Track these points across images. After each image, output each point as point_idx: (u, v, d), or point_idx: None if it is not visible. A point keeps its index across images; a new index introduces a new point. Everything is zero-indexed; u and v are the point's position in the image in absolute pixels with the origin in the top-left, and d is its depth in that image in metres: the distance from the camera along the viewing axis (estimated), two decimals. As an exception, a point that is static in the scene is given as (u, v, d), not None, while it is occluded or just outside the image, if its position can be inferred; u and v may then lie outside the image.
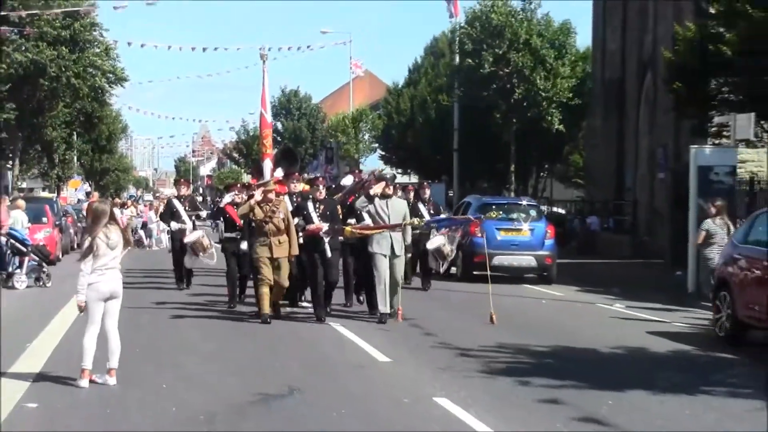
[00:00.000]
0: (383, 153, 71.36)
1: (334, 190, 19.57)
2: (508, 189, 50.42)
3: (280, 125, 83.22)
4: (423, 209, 20.08)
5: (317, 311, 16.98)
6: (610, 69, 48.36)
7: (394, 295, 16.97)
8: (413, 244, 18.77)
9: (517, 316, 17.15)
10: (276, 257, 16.35)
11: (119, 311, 11.91)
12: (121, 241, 12.03)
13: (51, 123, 54.99)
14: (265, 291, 16.41)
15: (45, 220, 30.45)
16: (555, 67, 52.65)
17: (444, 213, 24.77)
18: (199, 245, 20.82)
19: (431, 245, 19.19)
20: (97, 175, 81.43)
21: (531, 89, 52.11)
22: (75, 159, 67.35)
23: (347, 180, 20.47)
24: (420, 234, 19.28)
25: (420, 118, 62.31)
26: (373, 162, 66.50)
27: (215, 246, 20.66)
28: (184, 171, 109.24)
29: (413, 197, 20.44)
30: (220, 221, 20.22)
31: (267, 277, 16.34)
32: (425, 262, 20.30)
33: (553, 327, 17.18)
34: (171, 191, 47.35)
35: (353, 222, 17.52)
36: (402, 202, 18.02)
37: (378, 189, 17.43)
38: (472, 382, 12.30)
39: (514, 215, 26.97)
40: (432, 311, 16.57)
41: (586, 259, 36.49)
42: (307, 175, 23.29)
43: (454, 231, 20.04)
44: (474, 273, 23.09)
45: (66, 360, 13.11)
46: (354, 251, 18.21)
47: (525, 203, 30.29)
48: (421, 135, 59.79)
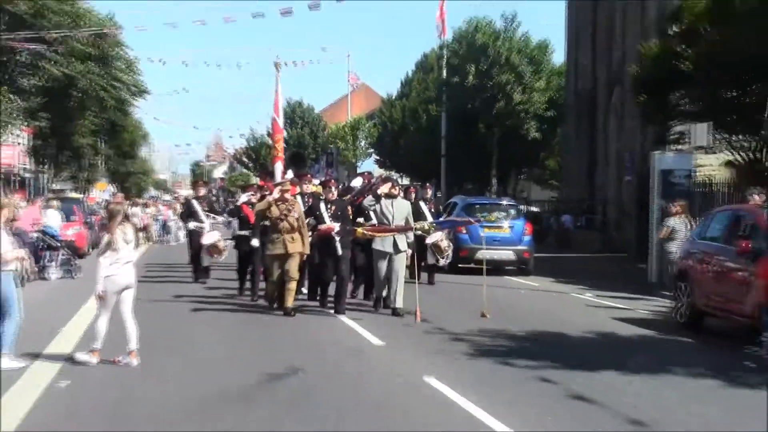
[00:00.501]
0: (378, 158, 71.46)
1: (343, 191, 19.27)
2: (490, 190, 50.53)
3: (285, 133, 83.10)
4: (425, 207, 19.93)
5: (326, 305, 16.85)
6: (582, 82, 48.37)
7: (397, 288, 16.71)
8: (415, 240, 18.43)
9: (498, 304, 17.18)
10: (290, 253, 15.97)
11: (133, 300, 12.07)
12: (134, 238, 12.19)
13: (80, 131, 55.23)
14: (290, 287, 16.12)
15: (74, 218, 30.44)
16: (531, 83, 52.87)
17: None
18: (215, 248, 20.75)
19: (430, 240, 19.15)
20: (121, 178, 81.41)
21: (510, 103, 52.39)
22: (101, 163, 67.30)
23: (357, 182, 20.13)
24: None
25: (411, 126, 62.31)
26: (369, 166, 66.39)
27: (229, 243, 20.45)
28: (198, 174, 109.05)
29: (415, 197, 20.06)
30: (234, 219, 19.94)
31: (275, 272, 16.11)
32: (426, 257, 20.01)
33: (531, 314, 17.28)
34: (187, 192, 47.35)
35: (361, 220, 17.23)
36: (405, 202, 17.74)
37: (385, 189, 17.21)
38: (458, 363, 12.41)
39: (495, 214, 27.09)
40: (425, 301, 16.49)
41: (560, 254, 36.58)
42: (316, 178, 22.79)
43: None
44: (458, 265, 23.14)
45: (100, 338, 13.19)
46: (362, 248, 17.80)
47: (505, 203, 30.35)
48: (412, 142, 59.80)
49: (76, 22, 45.17)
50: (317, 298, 17.95)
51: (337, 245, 16.43)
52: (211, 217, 22.11)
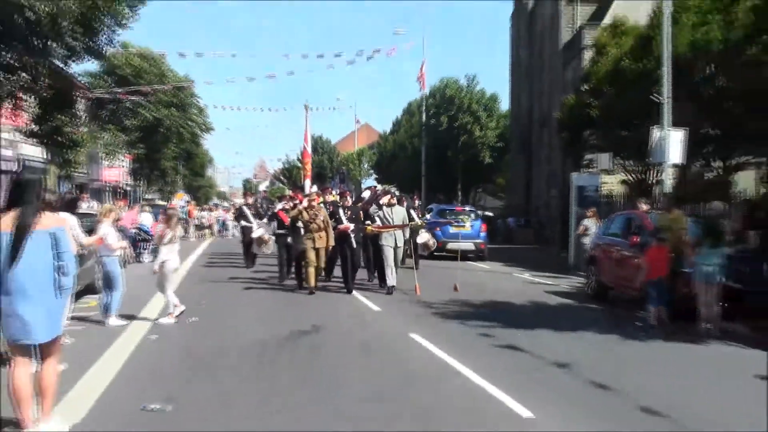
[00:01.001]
0: (376, 176, 71.61)
1: (356, 200, 18.97)
2: (456, 200, 50.57)
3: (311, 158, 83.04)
4: (413, 213, 19.60)
5: (347, 285, 16.17)
6: (521, 123, 48.43)
7: (390, 270, 16.25)
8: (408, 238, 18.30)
9: (462, 281, 17.16)
10: (317, 247, 15.65)
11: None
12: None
13: (165, 157, 55.45)
14: (311, 271, 15.62)
15: (161, 218, 30.37)
16: (486, 123, 53.20)
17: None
18: (262, 240, 20.41)
19: (420, 239, 18.92)
20: (194, 190, 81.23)
21: (470, 138, 52.61)
22: (180, 180, 67.24)
23: (366, 194, 19.83)
24: (412, 231, 18.69)
25: (400, 155, 62.57)
26: (370, 182, 66.44)
27: (272, 237, 20.10)
28: (248, 187, 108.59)
29: (406, 205, 19.60)
30: (273, 221, 19.54)
31: (312, 261, 15.60)
32: (416, 250, 19.65)
33: (486, 288, 17.22)
34: (240, 200, 47.39)
35: (369, 222, 16.79)
36: (401, 208, 17.23)
37: (386, 199, 17.03)
38: (434, 324, 12.39)
39: (460, 217, 27.12)
40: (412, 281, 16.41)
41: (506, 245, 36.52)
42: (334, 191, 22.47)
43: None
44: (434, 253, 23.10)
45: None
46: (372, 243, 17.41)
47: (467, 209, 30.31)
48: (401, 165, 60.06)
49: (161, 79, 45.42)
50: (331, 278, 17.86)
51: (352, 240, 16.23)
52: (257, 219, 21.69)
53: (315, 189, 19.82)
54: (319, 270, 16.19)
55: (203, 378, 8.36)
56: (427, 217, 24.69)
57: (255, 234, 20.73)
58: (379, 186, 18.86)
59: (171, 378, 8.31)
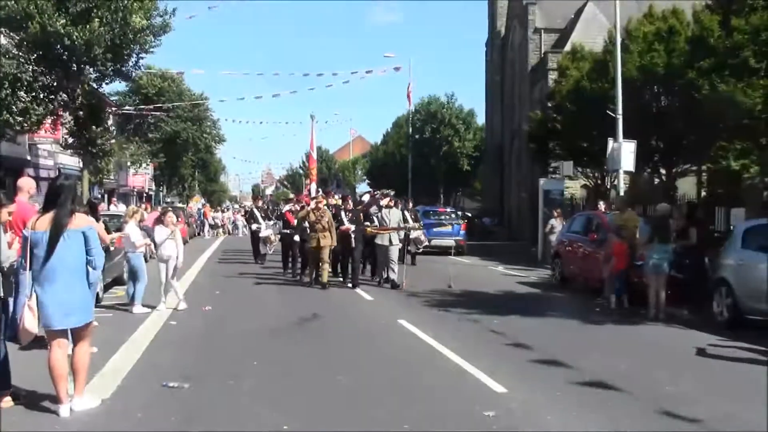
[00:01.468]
0: (369, 182, 71.48)
1: (356, 203, 18.30)
2: (439, 202, 50.56)
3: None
4: (407, 214, 18.97)
5: (351, 280, 15.62)
6: (495, 135, 48.41)
7: (392, 269, 15.78)
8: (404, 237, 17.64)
9: (444, 273, 17.09)
10: (323, 246, 15.05)
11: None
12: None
13: (183, 165, 55.45)
14: (326, 267, 15.14)
15: (179, 219, 30.11)
16: (464, 135, 53.35)
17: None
18: (269, 239, 20.27)
19: (413, 234, 18.27)
20: (209, 194, 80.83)
21: (451, 148, 52.72)
22: (196, 185, 67.15)
23: (365, 197, 19.22)
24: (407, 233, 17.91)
25: (390, 163, 62.47)
26: (364, 187, 66.36)
27: (277, 237, 19.87)
28: (256, 192, 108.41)
29: (401, 208, 18.35)
30: (280, 222, 19.22)
31: (325, 258, 15.07)
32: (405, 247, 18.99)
33: (464, 279, 17.10)
34: (250, 203, 47.36)
35: (368, 224, 16.01)
36: (398, 210, 16.73)
37: (384, 202, 16.49)
38: (420, 311, 12.36)
39: (442, 217, 27.10)
40: (406, 274, 16.15)
41: (482, 242, 36.48)
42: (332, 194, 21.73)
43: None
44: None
45: (192, 298, 13.10)
46: (370, 242, 16.46)
47: (449, 210, 30.39)
48: (390, 172, 59.88)
49: (180, 97, 45.45)
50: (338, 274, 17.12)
51: (352, 240, 15.71)
52: (266, 220, 21.27)
53: (320, 193, 19.15)
54: (326, 265, 15.52)
55: (217, 358, 8.31)
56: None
57: (263, 234, 20.51)
58: (383, 191, 18.09)
59: (189, 359, 8.26)
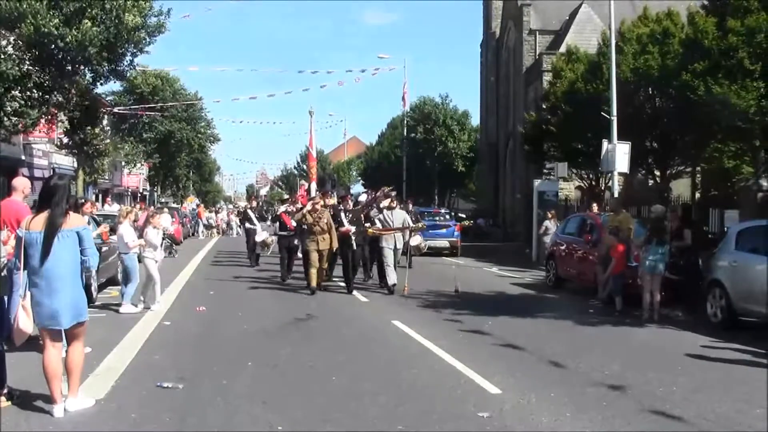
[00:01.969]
0: (363, 183, 71.48)
1: (354, 203, 17.29)
2: (433, 203, 50.58)
3: (305, 167, 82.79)
4: (408, 217, 18.27)
5: (348, 285, 14.90)
6: (489, 136, 48.49)
7: (388, 270, 14.87)
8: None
9: (439, 274, 17.10)
10: (321, 249, 14.38)
11: None
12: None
13: (178, 165, 55.49)
14: (313, 272, 14.34)
15: (173, 219, 30.26)
16: (459, 136, 53.44)
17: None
18: (265, 243, 19.84)
19: (413, 242, 17.13)
20: (203, 194, 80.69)
21: (445, 149, 52.80)
22: (191, 185, 67.07)
23: (363, 197, 18.42)
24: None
25: (384, 163, 62.53)
26: (358, 188, 66.34)
27: (274, 238, 19.09)
28: (251, 192, 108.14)
29: (405, 208, 18.01)
30: (276, 224, 18.34)
31: (314, 263, 14.33)
32: (408, 250, 18.17)
33: (459, 281, 17.09)
34: (244, 203, 47.32)
35: (368, 225, 15.34)
36: (402, 212, 15.87)
37: (386, 202, 15.69)
38: (413, 312, 12.38)
39: (437, 218, 27.10)
40: (401, 276, 15.75)
41: (477, 243, 36.51)
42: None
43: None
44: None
45: (187, 299, 13.11)
46: (370, 245, 15.91)
47: (443, 211, 30.45)
48: (385, 173, 59.88)
49: (174, 97, 45.38)
50: (332, 278, 16.31)
51: (353, 242, 15.00)
52: (261, 222, 20.92)
53: (317, 193, 18.20)
54: (322, 271, 14.99)
55: (211, 359, 8.30)
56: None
57: (258, 237, 20.02)
58: (384, 189, 16.94)
59: (183, 359, 8.26)
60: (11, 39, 22.99)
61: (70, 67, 24.95)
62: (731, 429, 6.02)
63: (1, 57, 21.77)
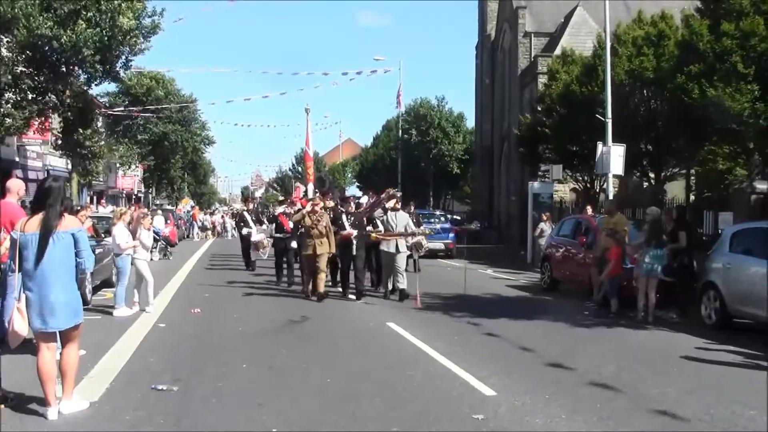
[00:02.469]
0: (359, 185, 71.53)
1: (356, 205, 16.33)
2: (428, 205, 50.60)
3: (300, 169, 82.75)
4: (409, 219, 17.61)
5: (346, 293, 14.28)
6: (484, 138, 48.48)
7: (398, 278, 14.15)
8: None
9: (434, 276, 17.09)
10: (319, 253, 13.61)
11: None
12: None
13: (173, 167, 55.40)
14: (321, 277, 13.74)
15: (168, 222, 30.24)
16: (454, 138, 53.56)
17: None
18: (260, 245, 19.31)
19: (414, 239, 16.93)
20: (198, 196, 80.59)
21: (441, 151, 52.91)
22: (185, 187, 66.96)
23: (363, 199, 17.33)
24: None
25: (380, 165, 62.57)
26: (353, 190, 66.32)
27: (270, 241, 18.64)
28: (246, 194, 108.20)
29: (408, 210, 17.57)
30: (272, 225, 17.72)
31: (312, 268, 13.73)
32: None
33: (453, 282, 17.05)
34: (239, 205, 47.22)
35: (369, 228, 14.60)
36: (405, 214, 15.15)
37: (390, 204, 14.81)
38: (408, 313, 12.37)
39: (432, 220, 27.10)
40: (413, 285, 15.29)
41: (472, 245, 36.54)
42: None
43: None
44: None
45: (183, 299, 13.09)
46: (375, 249, 14.87)
47: (438, 213, 30.47)
48: (380, 175, 59.91)
49: (168, 98, 45.32)
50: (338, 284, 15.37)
51: (354, 246, 14.20)
52: (257, 224, 20.16)
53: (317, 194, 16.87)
54: (323, 276, 14.09)
55: (206, 361, 8.29)
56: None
57: (254, 239, 19.50)
58: (389, 190, 15.90)
59: (178, 361, 8.24)
60: (5, 41, 22.98)
61: (64, 69, 24.96)
62: (726, 430, 6.05)
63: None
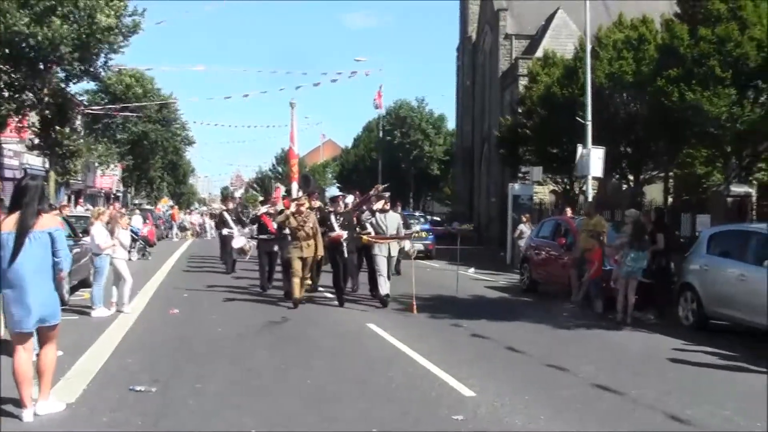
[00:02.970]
0: (339, 186, 71.49)
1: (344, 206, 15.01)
2: (409, 206, 50.70)
3: (280, 169, 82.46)
4: (400, 221, 16.48)
5: (339, 298, 13.44)
6: (465, 140, 48.67)
7: (380, 281, 13.48)
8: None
9: (414, 278, 17.01)
10: (305, 257, 12.81)
11: None
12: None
13: (152, 167, 55.08)
14: (296, 282, 12.77)
15: (147, 221, 30.03)
16: (434, 140, 53.67)
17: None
18: (242, 250, 18.35)
19: (405, 247, 15.41)
20: (177, 196, 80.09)
21: (421, 152, 53.00)
22: (165, 187, 66.56)
23: (349, 198, 16.06)
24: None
25: (360, 166, 62.59)
26: (334, 191, 66.21)
27: (253, 243, 17.71)
28: (226, 193, 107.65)
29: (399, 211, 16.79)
30: (254, 226, 16.68)
31: (297, 272, 12.77)
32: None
33: (434, 283, 16.95)
34: (218, 205, 46.93)
35: (361, 231, 13.97)
36: (395, 215, 14.35)
37: (379, 205, 14.10)
38: (388, 314, 12.41)
39: (411, 221, 27.04)
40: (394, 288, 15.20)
41: (452, 246, 36.58)
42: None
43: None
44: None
45: (162, 300, 13.01)
46: (363, 252, 14.52)
47: (417, 214, 30.50)
48: (360, 176, 59.94)
49: (148, 97, 44.95)
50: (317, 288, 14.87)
51: (344, 249, 13.39)
52: (238, 225, 19.47)
53: (300, 193, 15.80)
54: (305, 280, 13.47)
55: (184, 362, 8.24)
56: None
57: (235, 244, 18.53)
58: (378, 187, 15.50)
59: (156, 362, 8.18)
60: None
61: (42, 66, 24.71)
62: (702, 430, 6.11)
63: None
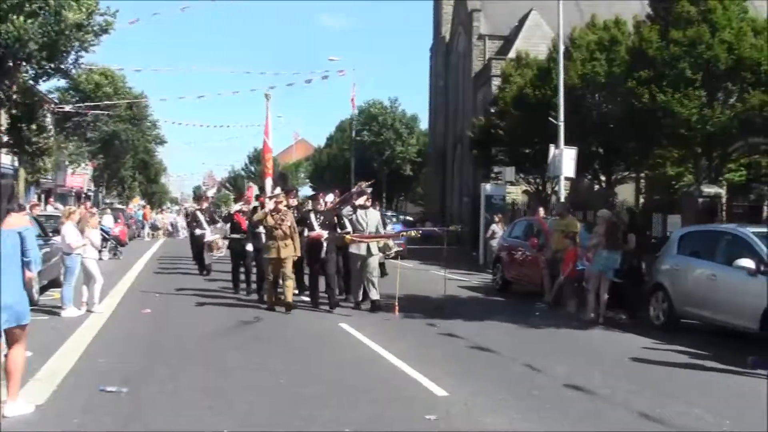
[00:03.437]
0: (312, 185, 71.35)
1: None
2: (382, 206, 50.71)
3: (252, 168, 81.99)
4: (380, 219, 15.81)
5: (316, 303, 12.95)
6: (438, 140, 48.81)
7: (370, 283, 12.98)
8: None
9: (386, 278, 17.07)
10: (284, 257, 12.14)
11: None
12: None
13: (123, 166, 54.56)
14: (288, 284, 12.26)
15: (119, 221, 29.73)
16: (407, 140, 53.79)
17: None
18: (215, 245, 17.88)
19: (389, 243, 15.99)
20: (149, 196, 79.24)
21: (394, 152, 53.09)
22: (136, 186, 65.93)
23: (329, 197, 14.78)
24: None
25: (333, 165, 62.58)
26: (306, 191, 65.90)
27: (225, 242, 16.88)
28: (198, 193, 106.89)
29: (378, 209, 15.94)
30: (227, 225, 16.10)
31: (273, 274, 12.35)
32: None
33: (407, 284, 16.69)
34: (189, 204, 46.45)
35: (339, 230, 13.14)
36: (376, 212, 13.90)
37: (361, 201, 13.39)
38: (361, 315, 12.40)
39: (385, 221, 26.97)
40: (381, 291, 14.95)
41: (424, 246, 36.67)
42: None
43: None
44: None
45: (133, 300, 12.89)
46: (342, 252, 13.57)
47: (390, 214, 30.47)
48: (332, 175, 59.89)
49: (119, 96, 44.41)
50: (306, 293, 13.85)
51: (324, 250, 12.79)
52: (211, 225, 18.87)
53: (278, 190, 15.08)
54: (292, 282, 12.59)
55: (156, 362, 8.18)
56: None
57: (208, 238, 18.12)
58: (361, 183, 14.28)
59: (127, 362, 8.10)
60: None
61: (11, 63, 24.34)
62: (672, 429, 6.19)
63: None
